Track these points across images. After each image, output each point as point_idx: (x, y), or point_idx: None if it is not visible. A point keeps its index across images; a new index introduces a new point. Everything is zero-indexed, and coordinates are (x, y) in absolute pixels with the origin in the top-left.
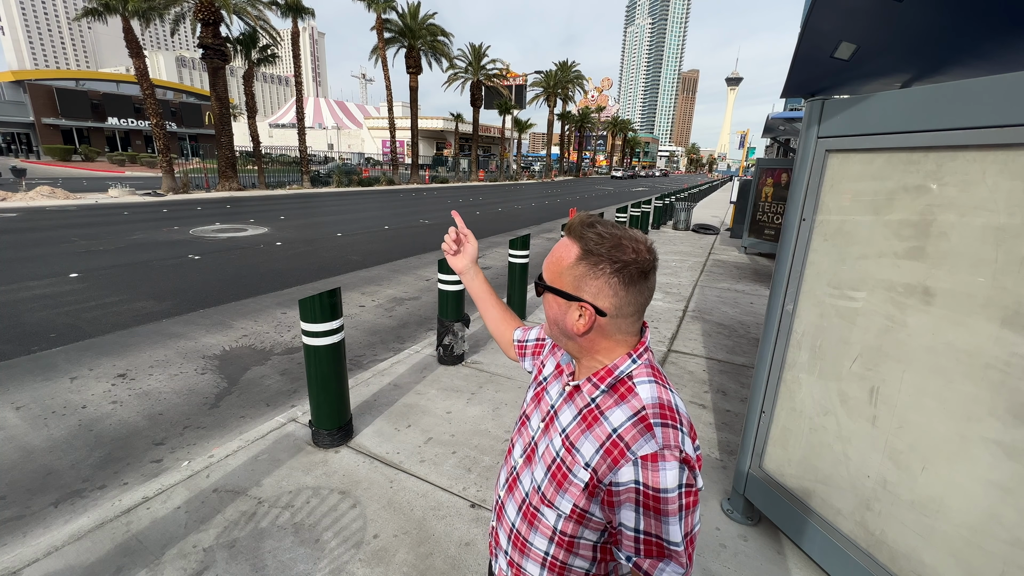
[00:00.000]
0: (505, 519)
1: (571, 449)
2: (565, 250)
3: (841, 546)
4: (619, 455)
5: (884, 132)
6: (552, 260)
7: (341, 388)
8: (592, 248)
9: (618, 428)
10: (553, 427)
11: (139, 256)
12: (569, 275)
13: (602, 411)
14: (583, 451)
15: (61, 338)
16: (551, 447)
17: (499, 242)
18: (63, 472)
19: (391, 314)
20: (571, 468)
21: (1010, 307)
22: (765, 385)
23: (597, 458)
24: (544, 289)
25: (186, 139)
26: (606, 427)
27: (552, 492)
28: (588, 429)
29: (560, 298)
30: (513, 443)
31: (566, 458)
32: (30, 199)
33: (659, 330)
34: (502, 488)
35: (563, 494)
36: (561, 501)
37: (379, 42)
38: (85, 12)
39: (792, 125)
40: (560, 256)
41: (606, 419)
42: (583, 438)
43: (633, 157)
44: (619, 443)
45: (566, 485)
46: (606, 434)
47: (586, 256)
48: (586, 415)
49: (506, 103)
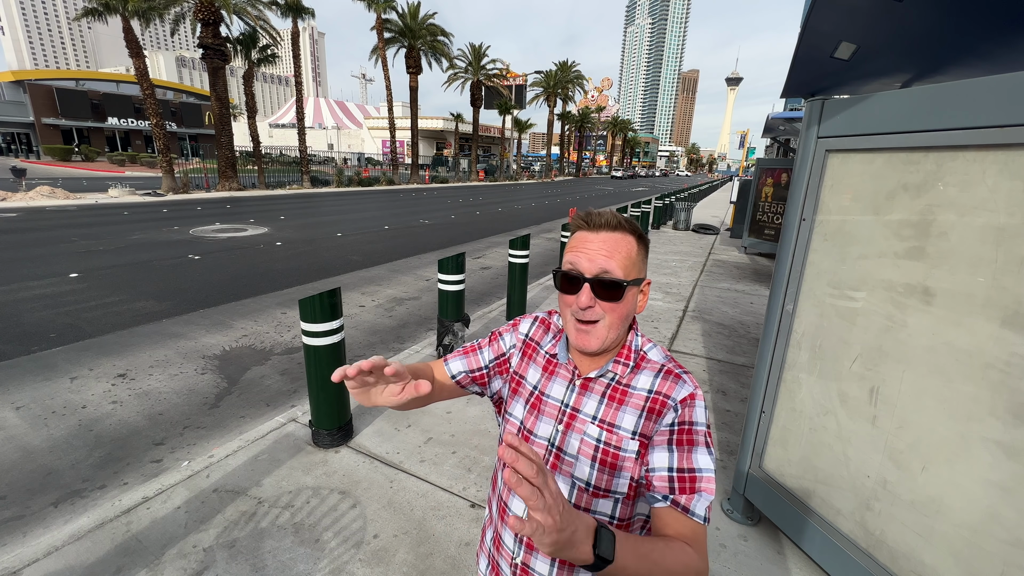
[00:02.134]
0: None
1: (612, 429)
2: (624, 242)
3: (841, 546)
4: (661, 407)
5: (884, 132)
6: (618, 256)
7: (341, 388)
8: (639, 231)
9: (652, 387)
10: (578, 422)
11: (139, 256)
12: (638, 262)
13: (627, 384)
14: (625, 424)
15: (61, 338)
16: (587, 439)
17: (499, 242)
18: (63, 472)
19: (391, 314)
20: (619, 446)
21: (1010, 307)
22: (765, 385)
23: (642, 422)
24: (626, 288)
25: (186, 139)
26: (640, 393)
27: (607, 479)
28: (622, 404)
29: (636, 288)
30: None
31: (610, 439)
32: (30, 199)
33: (659, 330)
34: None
35: (619, 474)
36: (618, 482)
37: (379, 42)
38: (85, 12)
39: (792, 125)
40: (628, 250)
41: (635, 388)
42: (620, 414)
43: (633, 157)
44: (659, 397)
45: (620, 463)
46: (643, 398)
47: (639, 240)
48: (612, 395)
49: (506, 103)
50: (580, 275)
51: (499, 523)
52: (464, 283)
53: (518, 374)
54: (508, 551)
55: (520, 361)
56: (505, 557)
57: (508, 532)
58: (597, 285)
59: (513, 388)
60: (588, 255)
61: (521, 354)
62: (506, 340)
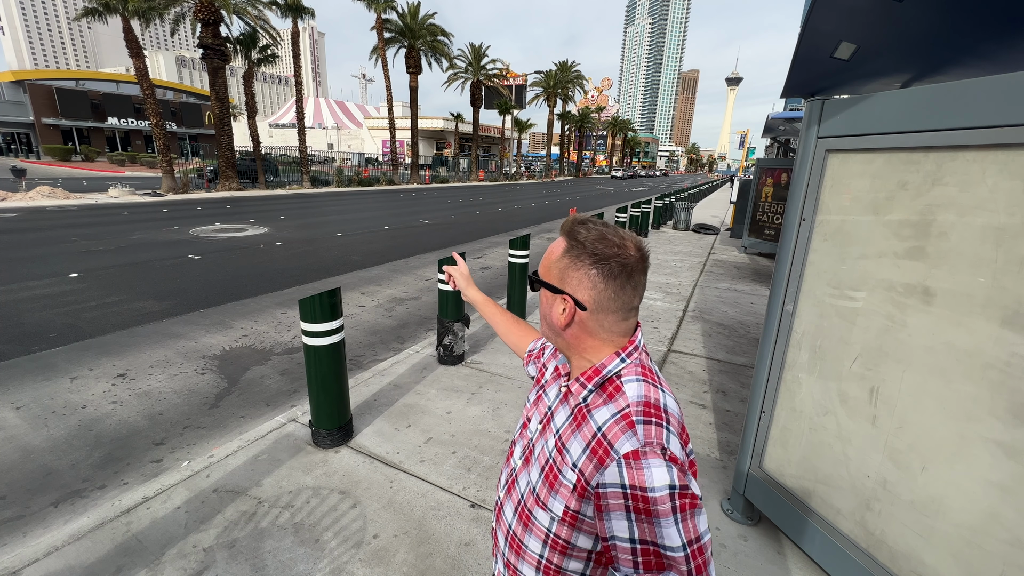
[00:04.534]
0: (503, 521)
1: (562, 449)
2: (556, 244)
3: (841, 546)
4: (603, 454)
5: (884, 132)
6: (547, 255)
7: (341, 388)
8: (577, 241)
9: (602, 427)
10: (549, 428)
11: (139, 256)
12: (556, 267)
13: (590, 410)
14: (571, 451)
15: (61, 338)
16: (546, 448)
17: (499, 242)
18: (63, 472)
19: (391, 314)
20: (560, 469)
21: (1010, 307)
22: (765, 385)
23: (584, 459)
24: (535, 283)
25: (186, 139)
26: (592, 426)
27: (545, 493)
28: (577, 429)
29: (548, 291)
30: (514, 445)
31: (557, 459)
32: (30, 199)
33: (659, 330)
34: (502, 490)
35: (555, 495)
36: (553, 502)
37: (379, 42)
38: (85, 12)
39: (792, 125)
40: (551, 250)
41: (592, 418)
42: (572, 438)
43: (633, 157)
44: (603, 442)
45: (557, 486)
46: (592, 433)
47: (570, 249)
48: (576, 415)
49: (506, 103)
50: None
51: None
52: None
53: (544, 365)
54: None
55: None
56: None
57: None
58: None
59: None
60: None
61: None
62: None
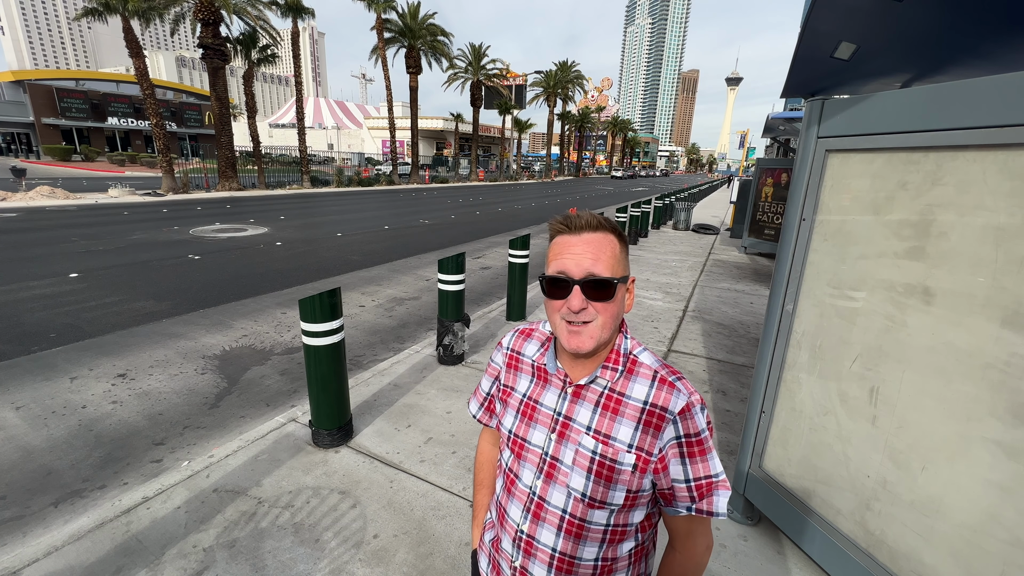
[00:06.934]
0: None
1: (608, 440)
2: (607, 242)
3: (841, 546)
4: (659, 420)
5: (884, 132)
6: (604, 256)
7: (341, 388)
8: (618, 230)
9: (648, 398)
10: (572, 431)
11: (139, 256)
12: (621, 261)
13: (621, 392)
14: (620, 436)
15: (61, 338)
16: (582, 450)
17: (499, 242)
18: (63, 472)
19: (391, 314)
20: (615, 458)
21: (1010, 307)
22: (765, 385)
23: (639, 435)
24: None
25: (186, 139)
26: (635, 403)
27: (603, 491)
28: (616, 414)
29: (624, 285)
30: (516, 473)
31: (606, 451)
32: (30, 199)
33: (659, 330)
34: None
35: (615, 486)
36: (614, 494)
37: (379, 42)
38: (85, 12)
39: (792, 125)
40: (604, 246)
41: (629, 398)
42: (616, 425)
43: (633, 157)
44: (655, 411)
45: (615, 476)
46: (639, 409)
47: (619, 238)
48: (606, 404)
49: (506, 103)
50: (569, 278)
51: (499, 527)
52: (464, 283)
53: (508, 386)
54: (508, 554)
55: (507, 374)
56: (505, 559)
57: (507, 536)
58: (587, 286)
59: (503, 400)
60: (574, 258)
61: (507, 367)
62: (496, 360)
